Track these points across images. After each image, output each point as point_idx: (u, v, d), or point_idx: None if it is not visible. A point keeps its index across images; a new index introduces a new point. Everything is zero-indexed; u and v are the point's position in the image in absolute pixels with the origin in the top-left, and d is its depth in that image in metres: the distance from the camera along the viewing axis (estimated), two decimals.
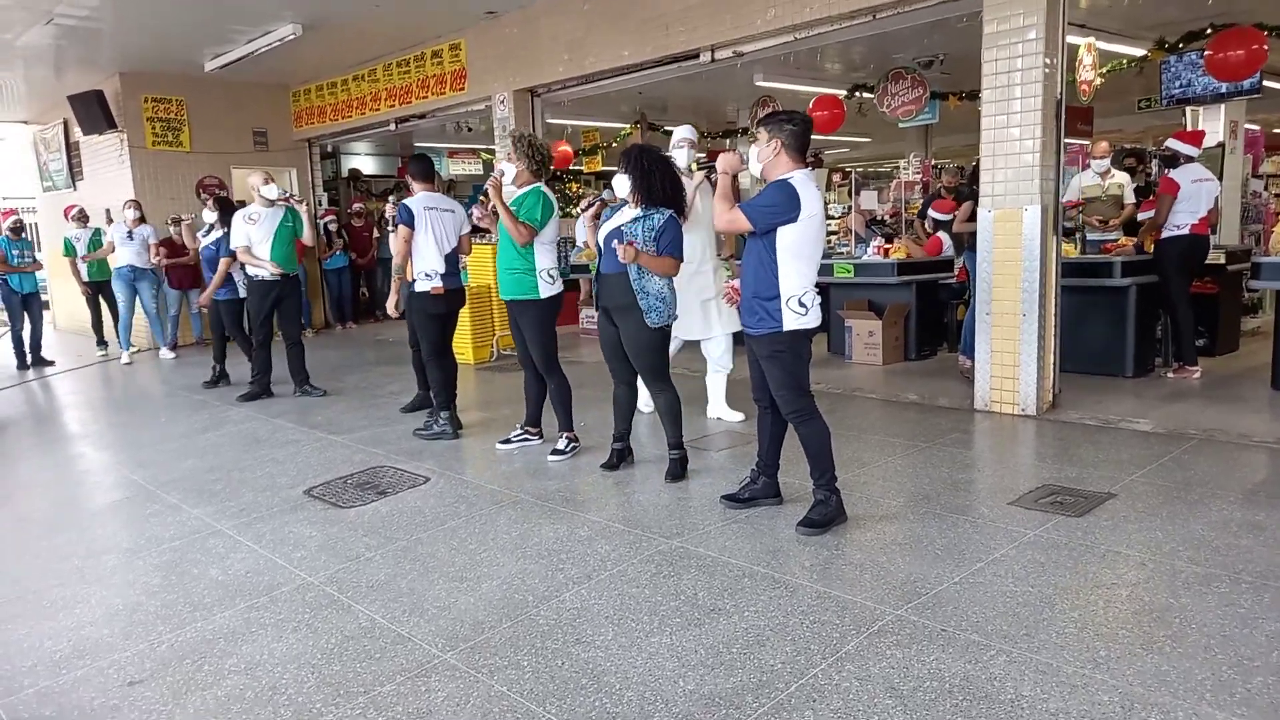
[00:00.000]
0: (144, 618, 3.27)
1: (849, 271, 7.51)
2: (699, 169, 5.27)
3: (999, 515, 3.73)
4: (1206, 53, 6.39)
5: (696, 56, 7.11)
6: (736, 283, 4.42)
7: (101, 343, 10.47)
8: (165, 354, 10.02)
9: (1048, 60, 5.07)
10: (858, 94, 9.03)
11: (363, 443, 5.59)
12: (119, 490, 4.96)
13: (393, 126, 10.76)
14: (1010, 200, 5.29)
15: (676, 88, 9.53)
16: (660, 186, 4.24)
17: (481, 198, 5.01)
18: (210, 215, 7.62)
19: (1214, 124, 8.33)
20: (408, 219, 5.30)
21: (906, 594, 3.02)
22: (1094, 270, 6.24)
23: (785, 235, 3.44)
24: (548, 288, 4.86)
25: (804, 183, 3.46)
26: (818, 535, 3.58)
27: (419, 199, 5.38)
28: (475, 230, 5.52)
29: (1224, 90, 7.01)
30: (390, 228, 5.99)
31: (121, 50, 9.52)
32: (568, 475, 4.67)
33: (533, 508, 4.17)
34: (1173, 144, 6.34)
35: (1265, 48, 6.29)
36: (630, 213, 4.25)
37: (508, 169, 4.84)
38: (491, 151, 14.87)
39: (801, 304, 3.50)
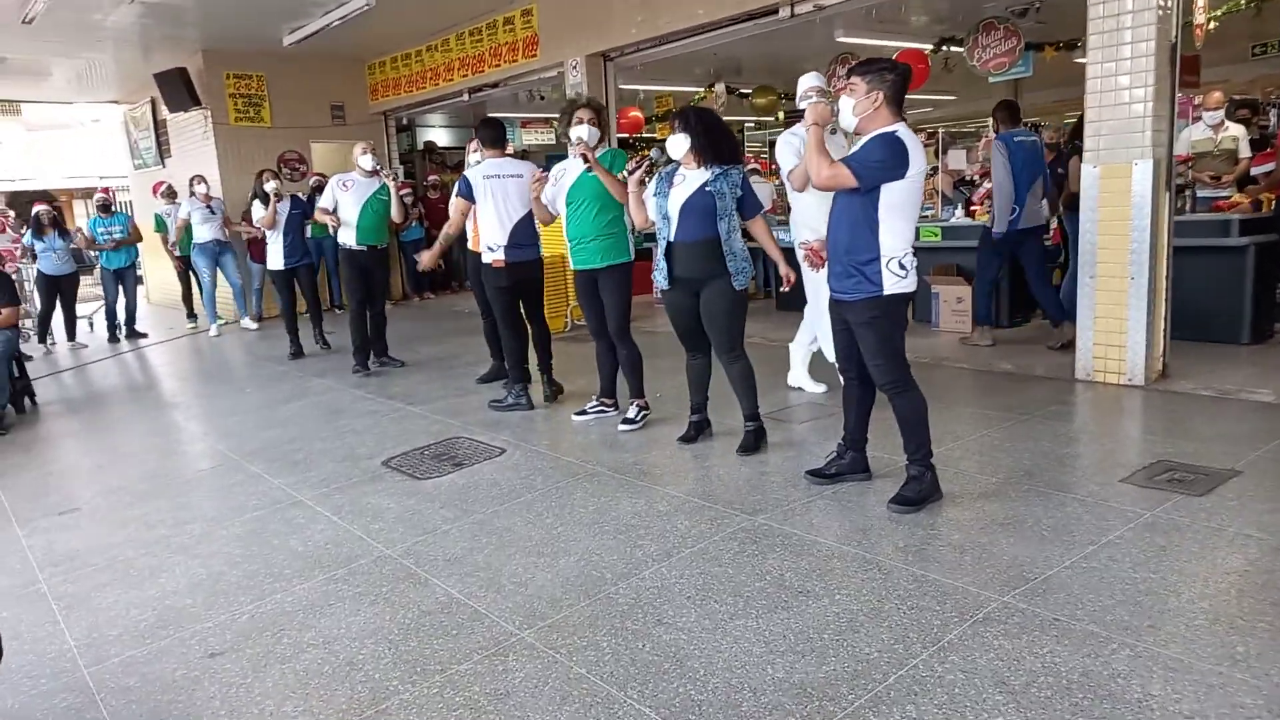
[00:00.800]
0: (226, 588, 3.28)
1: (936, 235, 7.16)
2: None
3: (1110, 493, 3.46)
4: None
5: (775, 12, 6.81)
6: (816, 242, 4.22)
7: (191, 315, 10.77)
8: (248, 324, 10.24)
9: (1162, 0, 4.65)
10: (944, 48, 8.58)
11: (440, 413, 5.57)
12: (205, 459, 5.05)
13: (466, 97, 10.72)
14: (1118, 155, 4.90)
15: (751, 48, 9.20)
16: (725, 143, 4.09)
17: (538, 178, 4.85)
18: (271, 187, 7.73)
19: None
20: (466, 191, 5.24)
21: (1013, 579, 2.80)
22: (1207, 229, 5.78)
23: (890, 193, 3.22)
24: (632, 250, 4.79)
25: (910, 137, 3.25)
26: (911, 513, 3.37)
27: (480, 168, 5.28)
28: None
29: None
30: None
31: (203, 28, 9.66)
32: (644, 448, 4.55)
33: (609, 481, 4.06)
34: None
35: None
36: (699, 174, 4.06)
37: (593, 133, 4.66)
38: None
39: (902, 266, 3.29)
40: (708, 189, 4.02)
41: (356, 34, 9.91)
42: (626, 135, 11.84)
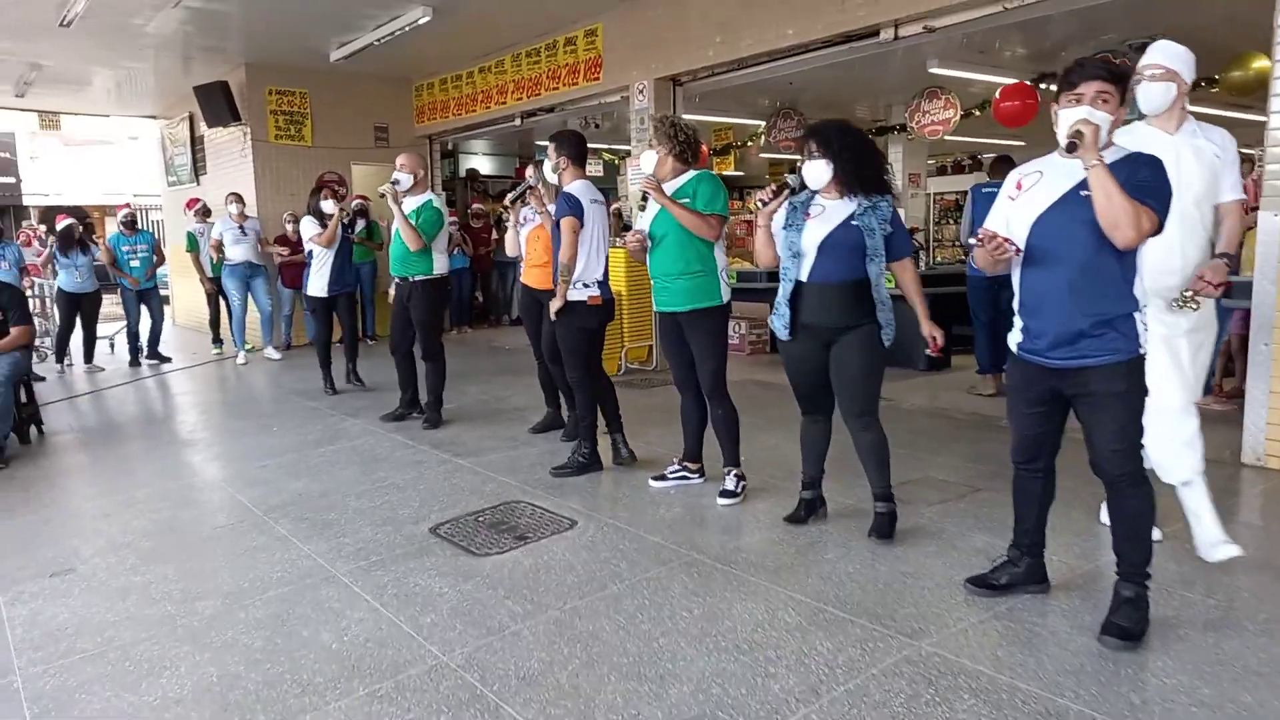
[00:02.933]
0: (241, 699, 2.57)
1: None
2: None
3: None
4: None
5: (876, 34, 6.15)
6: (1212, 270, 3.08)
7: (217, 341, 10.17)
8: (271, 354, 9.60)
9: None
10: (1042, 84, 7.90)
11: (492, 469, 4.85)
12: (224, 513, 4.35)
13: (518, 121, 10.15)
14: None
15: (834, 76, 8.57)
16: (873, 169, 3.40)
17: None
18: (330, 206, 7.06)
19: None
20: (576, 209, 4.43)
21: None
22: None
23: None
24: (727, 290, 4.09)
25: None
26: (1130, 650, 2.60)
27: (581, 187, 4.53)
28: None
29: None
30: (513, 221, 5.20)
31: (248, 38, 9.17)
32: (745, 528, 3.80)
33: (713, 573, 3.32)
34: None
35: None
36: (841, 205, 3.36)
37: (647, 158, 4.04)
38: (615, 151, 14.25)
39: (1144, 321, 2.61)
40: (854, 223, 3.33)
41: (406, 52, 9.40)
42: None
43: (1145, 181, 2.46)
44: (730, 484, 4.13)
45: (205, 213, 10.12)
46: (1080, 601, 2.95)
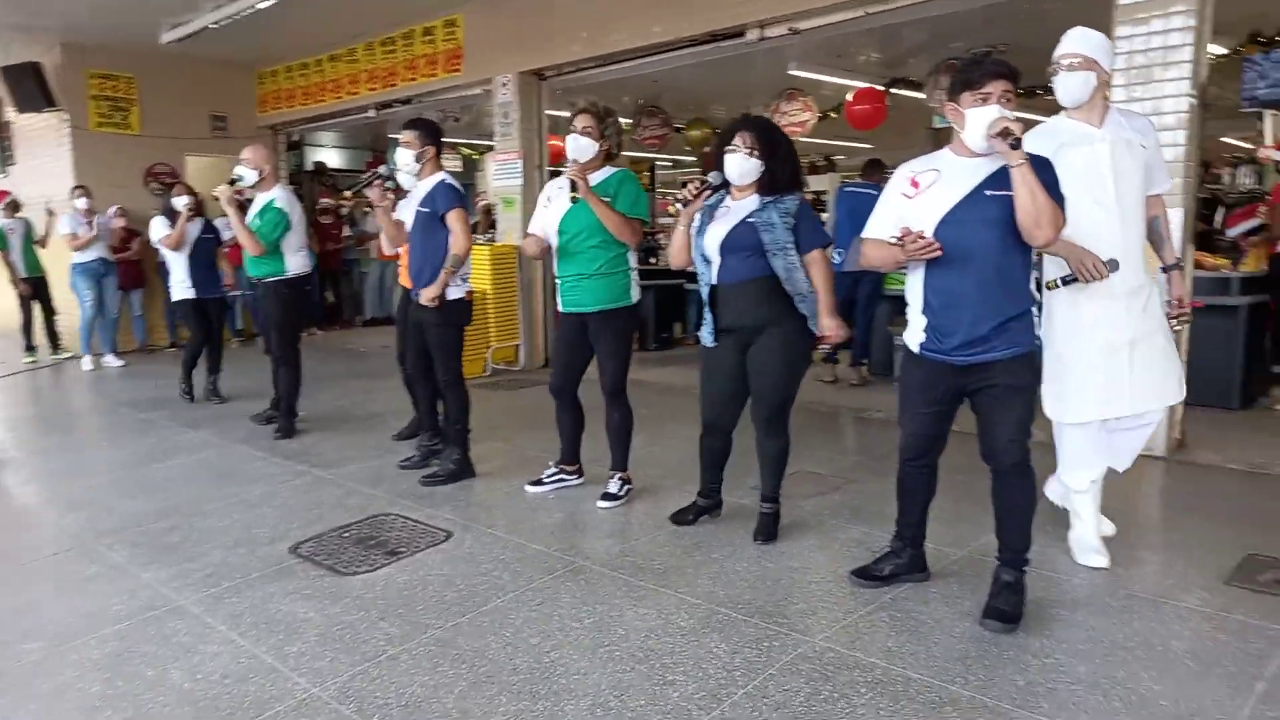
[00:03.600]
0: None
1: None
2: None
3: (1228, 604, 2.87)
4: None
5: (743, 34, 6.21)
6: (1181, 289, 3.22)
7: (30, 348, 9.19)
8: (111, 361, 8.76)
9: (1196, 38, 4.28)
10: (895, 88, 8.24)
11: (356, 480, 4.56)
12: (48, 542, 3.87)
13: (372, 113, 9.70)
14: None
15: (697, 76, 8.63)
16: (787, 168, 3.32)
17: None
18: (182, 203, 6.45)
19: None
20: (465, 200, 4.26)
21: None
22: (1206, 287, 5.46)
23: None
24: (637, 290, 3.96)
25: None
26: (1010, 632, 2.68)
27: (451, 180, 4.33)
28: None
29: None
30: (362, 220, 4.87)
31: (64, 16, 8.33)
32: (630, 531, 3.72)
33: (601, 579, 3.21)
34: (1274, 155, 5.64)
35: None
36: (745, 204, 3.32)
37: (581, 146, 3.80)
38: (474, 146, 13.92)
39: (1038, 312, 2.71)
40: (750, 220, 3.27)
41: (248, 36, 8.77)
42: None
43: (1048, 184, 2.52)
44: (614, 487, 4.03)
45: (14, 207, 9.12)
46: (959, 587, 3.02)
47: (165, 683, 2.60)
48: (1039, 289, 3.05)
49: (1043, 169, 2.55)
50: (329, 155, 14.23)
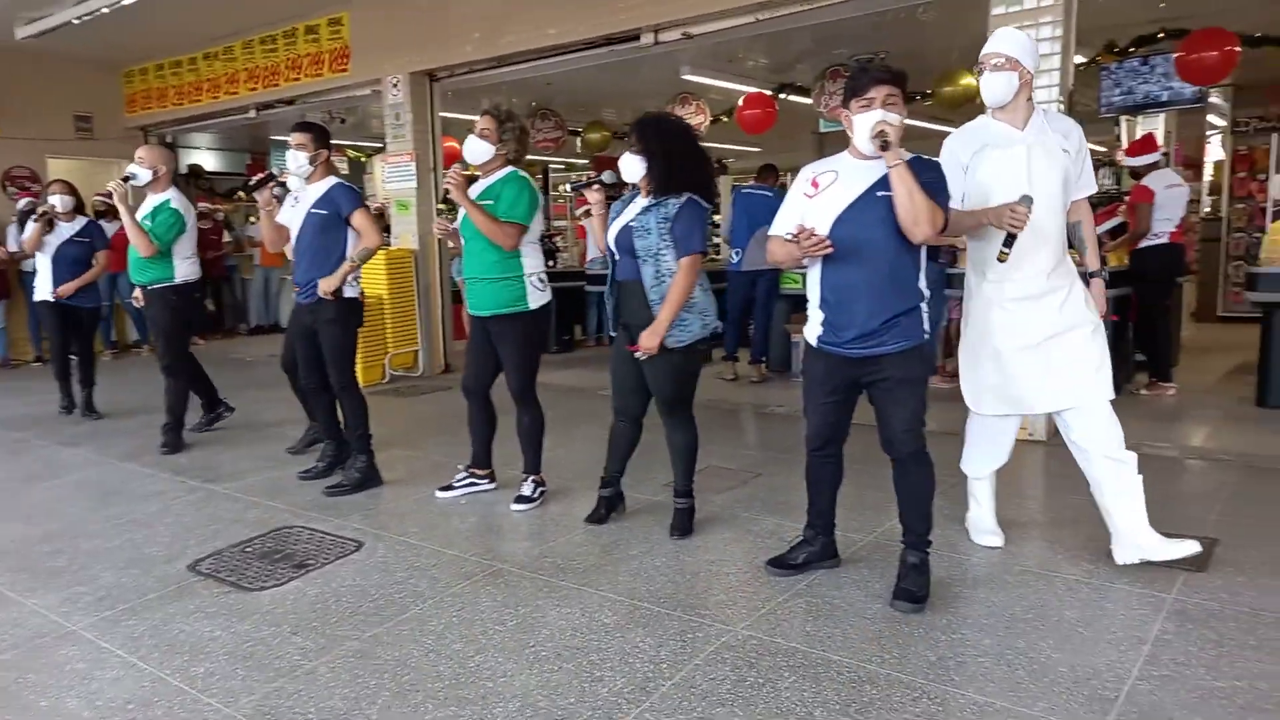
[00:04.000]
0: None
1: (798, 283, 6.88)
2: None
3: (1113, 575, 3.08)
4: (1179, 54, 6.18)
5: (636, 38, 6.29)
6: (1100, 300, 3.16)
7: None
8: None
9: (1063, 47, 4.58)
10: (783, 94, 8.48)
11: (255, 493, 4.39)
12: None
13: (253, 113, 9.34)
14: None
15: (591, 79, 8.66)
16: (680, 168, 3.31)
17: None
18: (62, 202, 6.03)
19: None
20: (364, 202, 4.25)
21: (1097, 698, 2.29)
22: None
23: None
24: (538, 296, 3.90)
25: None
26: (919, 612, 2.81)
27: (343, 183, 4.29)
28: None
29: (1165, 99, 6.88)
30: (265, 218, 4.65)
31: None
32: (548, 533, 3.71)
33: (521, 582, 3.20)
34: (1128, 160, 6.10)
35: (1237, 49, 6.14)
36: (639, 205, 3.38)
37: (479, 149, 3.80)
38: (361, 149, 13.55)
39: (927, 306, 2.82)
40: (632, 223, 3.34)
41: (114, 32, 8.30)
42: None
43: (932, 183, 2.66)
44: (527, 490, 4.02)
45: None
46: (869, 571, 3.15)
47: (61, 711, 2.46)
48: (937, 285, 3.23)
49: (927, 169, 2.69)
50: (205, 158, 13.60)
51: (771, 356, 7.16)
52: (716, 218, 8.98)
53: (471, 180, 3.86)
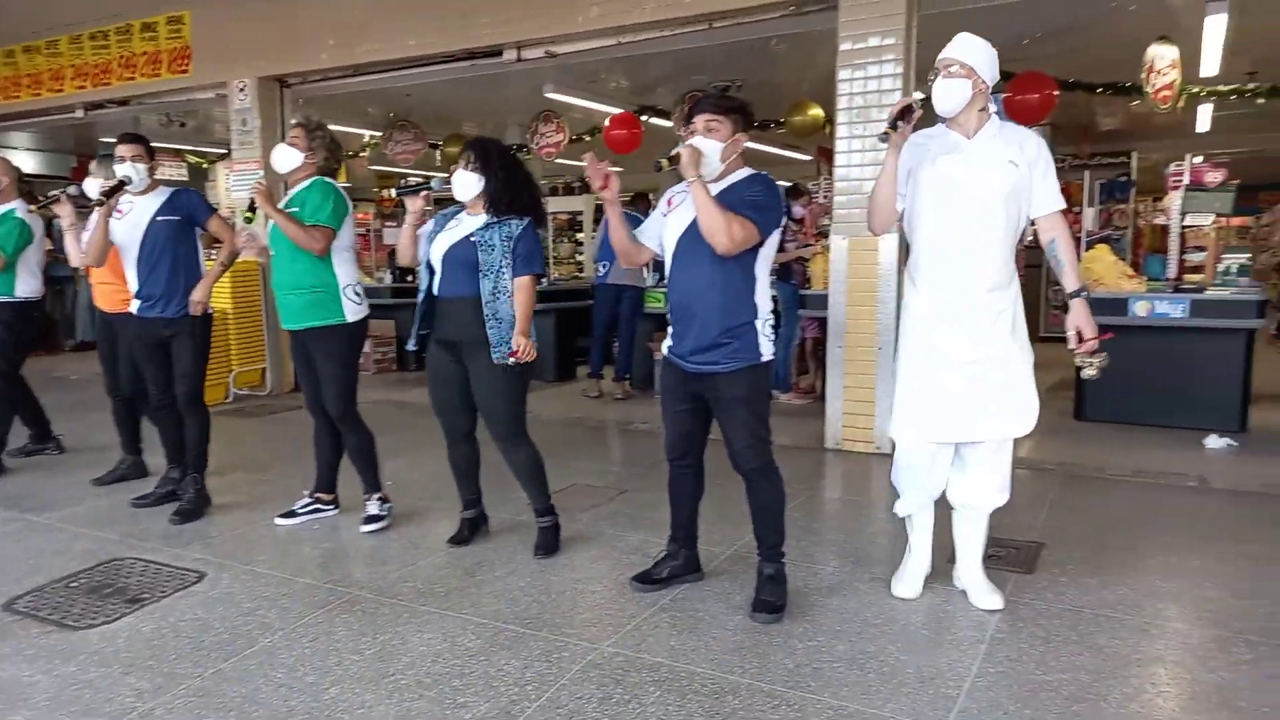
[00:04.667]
0: None
1: (660, 302, 7.00)
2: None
3: (946, 577, 3.27)
4: (1005, 95, 6.68)
5: (499, 54, 6.26)
6: (1084, 321, 2.82)
7: None
8: None
9: (903, 84, 4.88)
10: (644, 116, 8.64)
11: (81, 523, 4.05)
12: None
13: (80, 113, 8.67)
14: (865, 228, 5.02)
15: (453, 92, 8.53)
16: (525, 193, 3.41)
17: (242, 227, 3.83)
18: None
19: None
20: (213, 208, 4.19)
21: (941, 696, 2.43)
22: None
23: (767, 244, 2.84)
24: (354, 309, 3.80)
25: None
26: (777, 621, 2.90)
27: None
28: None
29: None
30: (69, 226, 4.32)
31: None
32: (404, 556, 3.60)
33: (379, 608, 3.09)
34: None
35: (1055, 93, 6.71)
36: (475, 220, 3.36)
37: (286, 156, 3.70)
38: (202, 154, 12.84)
39: (771, 326, 2.89)
40: (473, 239, 3.32)
41: None
42: None
43: (754, 196, 2.78)
44: (373, 508, 3.89)
45: None
46: (730, 584, 3.23)
47: None
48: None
49: (750, 186, 2.82)
50: (23, 159, 12.52)
51: (635, 374, 7.24)
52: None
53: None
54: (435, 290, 3.42)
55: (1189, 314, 5.51)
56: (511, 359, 3.28)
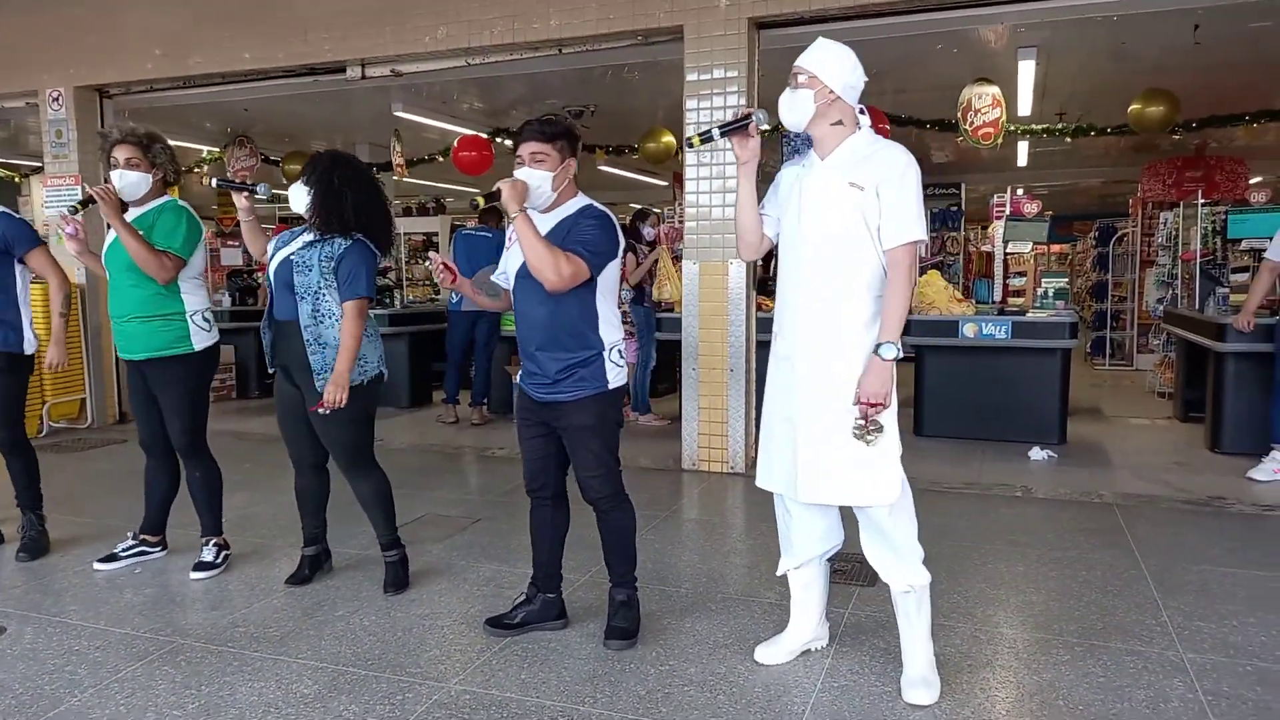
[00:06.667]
0: None
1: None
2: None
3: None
4: None
5: (343, 70, 6.05)
6: (866, 380, 2.44)
7: None
8: None
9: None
10: (499, 138, 8.57)
11: None
12: None
13: None
14: (715, 254, 5.15)
15: (295, 108, 8.19)
16: (347, 211, 3.16)
17: (66, 215, 3.54)
18: None
19: None
20: (36, 234, 3.85)
21: (787, 713, 2.46)
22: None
23: (604, 277, 2.78)
24: (203, 336, 3.56)
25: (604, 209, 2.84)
26: (630, 647, 2.88)
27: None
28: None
29: None
30: None
31: None
32: (237, 599, 3.37)
33: (205, 658, 2.87)
34: None
35: (887, 128, 7.09)
36: (303, 238, 3.22)
37: (135, 180, 3.42)
38: (14, 167, 11.82)
39: (620, 354, 2.85)
40: (292, 258, 3.18)
41: None
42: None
43: (584, 232, 2.70)
44: (208, 555, 3.62)
45: None
46: (584, 611, 3.18)
47: None
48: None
49: (584, 217, 2.73)
50: None
51: (492, 398, 7.12)
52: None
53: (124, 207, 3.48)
54: (275, 313, 3.26)
55: (1011, 335, 5.93)
56: (321, 408, 3.08)
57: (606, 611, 3.00)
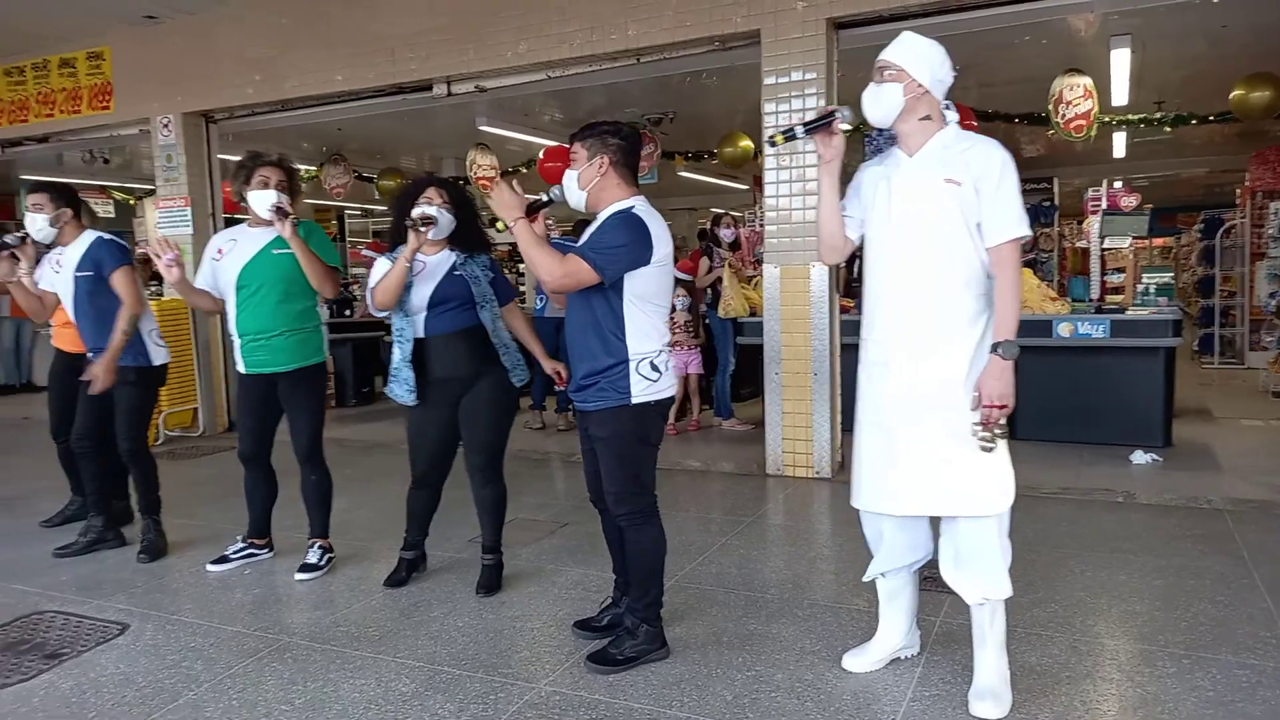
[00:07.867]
0: None
1: None
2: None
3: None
4: None
5: (429, 89, 6.25)
6: (985, 381, 2.37)
7: None
8: None
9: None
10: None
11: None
12: None
13: None
14: (796, 257, 5.12)
15: (385, 126, 8.49)
16: (481, 230, 3.54)
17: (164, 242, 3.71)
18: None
19: None
20: (127, 256, 4.06)
21: None
22: (853, 329, 6.32)
23: (634, 282, 2.68)
24: (327, 346, 3.86)
25: (649, 213, 2.71)
26: (604, 675, 2.76)
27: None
28: None
29: None
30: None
31: None
32: (338, 600, 3.51)
33: (310, 655, 3.00)
34: None
35: (974, 125, 6.93)
36: (440, 258, 3.39)
37: (264, 199, 3.52)
38: (130, 190, 12.53)
39: (655, 367, 2.72)
40: (457, 273, 3.34)
41: None
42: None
43: (597, 237, 2.67)
44: (313, 557, 3.79)
45: None
46: (670, 616, 3.19)
47: None
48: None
49: (605, 221, 2.68)
50: None
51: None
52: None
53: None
54: (422, 333, 3.34)
55: (1109, 334, 5.70)
56: (558, 386, 3.41)
57: (627, 624, 2.88)
